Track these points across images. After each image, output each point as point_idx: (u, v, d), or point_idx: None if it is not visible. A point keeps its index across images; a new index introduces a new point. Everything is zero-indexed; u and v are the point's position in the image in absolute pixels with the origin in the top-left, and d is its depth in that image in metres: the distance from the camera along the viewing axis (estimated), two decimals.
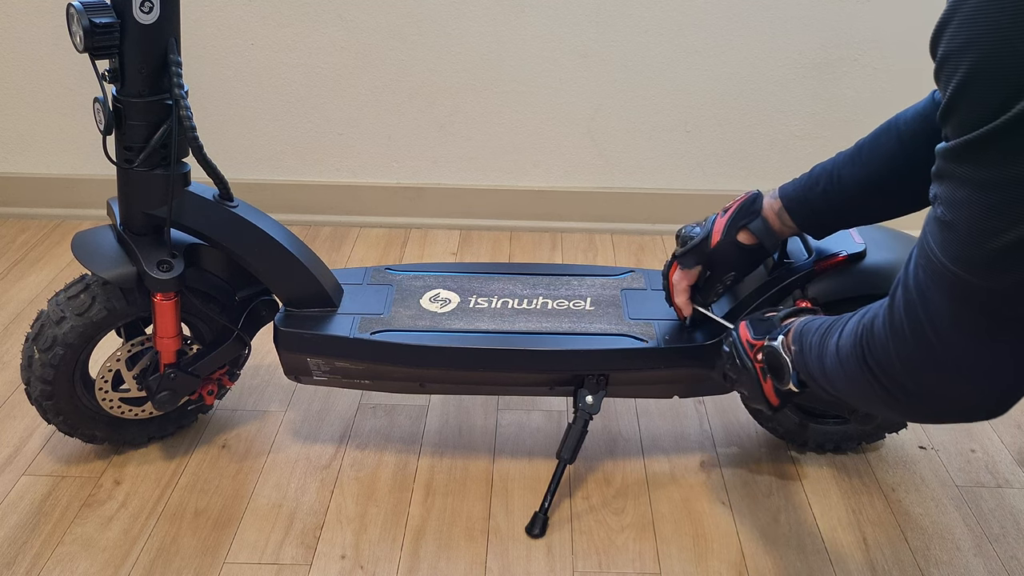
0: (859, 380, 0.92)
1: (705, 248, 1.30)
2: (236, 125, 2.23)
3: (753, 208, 1.28)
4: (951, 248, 0.72)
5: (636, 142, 2.25)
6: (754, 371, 1.18)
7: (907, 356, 0.83)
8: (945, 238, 0.72)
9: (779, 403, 1.18)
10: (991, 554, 1.32)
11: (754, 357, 1.18)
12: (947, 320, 0.77)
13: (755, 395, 1.20)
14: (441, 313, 1.42)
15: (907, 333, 0.82)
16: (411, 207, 2.31)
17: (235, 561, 1.28)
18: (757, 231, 1.27)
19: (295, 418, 1.58)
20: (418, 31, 2.13)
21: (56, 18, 2.11)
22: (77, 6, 1.14)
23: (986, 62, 0.64)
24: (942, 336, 0.78)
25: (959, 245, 0.71)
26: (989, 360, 0.78)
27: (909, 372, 0.84)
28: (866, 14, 2.10)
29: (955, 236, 0.70)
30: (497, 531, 1.34)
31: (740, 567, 1.29)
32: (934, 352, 0.80)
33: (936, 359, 0.81)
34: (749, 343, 1.19)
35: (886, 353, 0.85)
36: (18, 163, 2.29)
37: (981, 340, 0.77)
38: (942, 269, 0.74)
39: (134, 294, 1.33)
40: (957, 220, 0.69)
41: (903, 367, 0.85)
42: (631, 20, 2.12)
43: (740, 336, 1.21)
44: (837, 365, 0.96)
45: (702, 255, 1.30)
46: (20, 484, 1.40)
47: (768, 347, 1.14)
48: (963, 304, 0.75)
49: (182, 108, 1.22)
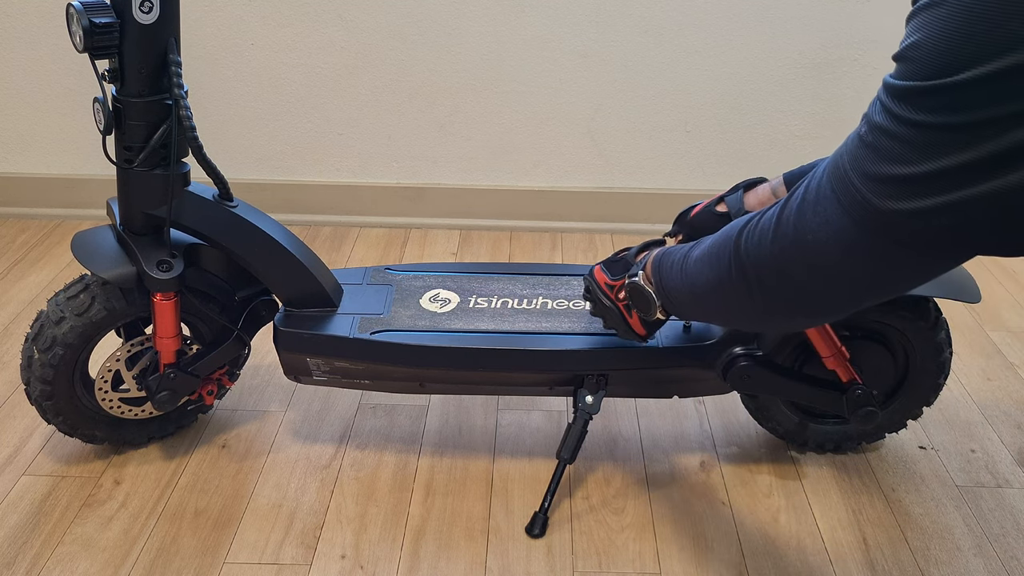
0: (722, 272, 0.98)
1: (685, 216, 1.37)
2: (236, 125, 2.23)
3: (742, 185, 1.33)
4: (862, 165, 0.77)
5: (636, 142, 2.25)
6: (617, 309, 1.27)
7: (780, 249, 0.89)
8: (862, 156, 0.77)
9: (646, 333, 1.28)
10: (991, 554, 1.32)
11: (615, 297, 1.26)
12: (834, 228, 0.82)
13: (624, 331, 1.29)
14: (441, 313, 1.42)
15: (790, 228, 0.87)
16: (411, 207, 2.31)
17: (235, 561, 1.28)
18: (728, 201, 1.31)
19: (295, 418, 1.58)
20: (418, 31, 2.13)
21: (56, 18, 2.11)
22: (77, 6, 1.14)
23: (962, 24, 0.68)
24: (819, 239, 0.83)
25: (870, 165, 0.76)
26: (850, 271, 0.84)
27: (776, 264, 0.90)
28: (866, 14, 2.10)
29: (874, 157, 0.76)
30: (497, 531, 1.34)
31: (740, 567, 1.29)
32: (806, 250, 0.86)
33: (806, 260, 0.86)
34: (608, 284, 1.28)
35: (762, 244, 0.91)
36: (18, 163, 2.29)
37: (851, 254, 0.82)
38: (848, 184, 0.79)
39: (134, 294, 1.33)
40: (882, 145, 0.75)
41: (772, 259, 0.90)
42: (631, 20, 2.12)
43: (597, 280, 1.30)
44: (701, 269, 1.02)
45: (683, 223, 1.37)
46: (20, 484, 1.40)
47: (630, 283, 1.21)
48: (850, 218, 0.80)
49: (182, 108, 1.22)
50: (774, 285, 0.92)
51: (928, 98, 0.71)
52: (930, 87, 0.70)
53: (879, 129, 0.75)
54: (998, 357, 1.81)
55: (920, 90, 0.71)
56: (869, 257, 0.81)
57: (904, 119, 0.72)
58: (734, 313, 1.03)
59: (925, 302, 1.38)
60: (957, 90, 0.68)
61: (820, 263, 0.85)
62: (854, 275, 0.85)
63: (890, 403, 1.45)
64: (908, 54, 0.73)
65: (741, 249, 0.94)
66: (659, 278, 1.15)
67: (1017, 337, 1.88)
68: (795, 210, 0.87)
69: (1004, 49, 0.66)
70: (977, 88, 0.68)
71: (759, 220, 0.93)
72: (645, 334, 1.28)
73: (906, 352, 1.41)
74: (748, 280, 0.94)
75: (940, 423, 1.60)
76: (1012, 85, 0.67)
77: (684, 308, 1.12)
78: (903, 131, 0.73)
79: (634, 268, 1.22)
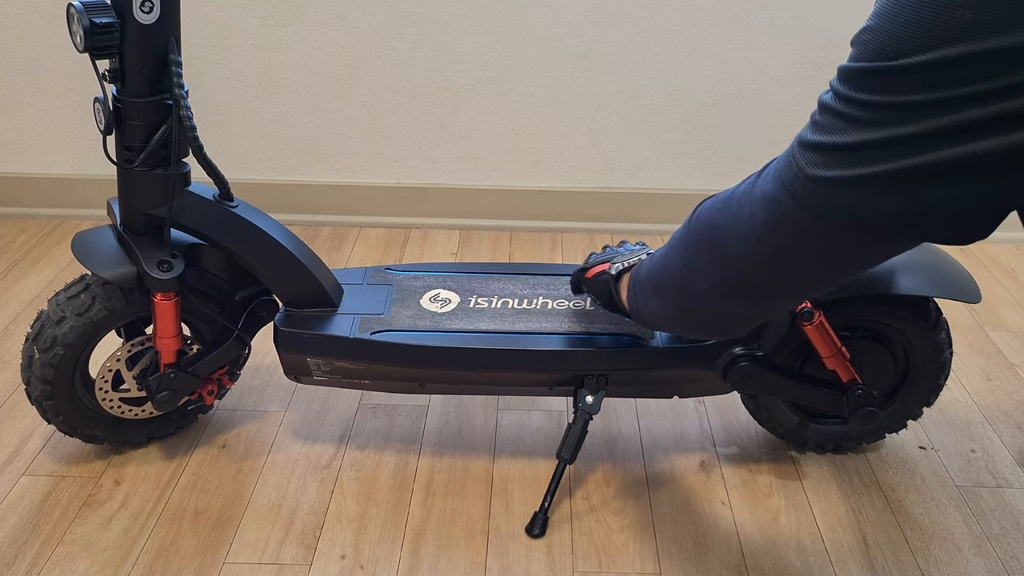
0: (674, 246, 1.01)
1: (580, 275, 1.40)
2: (236, 125, 2.23)
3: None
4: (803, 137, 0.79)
5: (636, 142, 2.25)
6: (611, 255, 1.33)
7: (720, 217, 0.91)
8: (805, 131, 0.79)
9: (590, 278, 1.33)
10: (991, 554, 1.32)
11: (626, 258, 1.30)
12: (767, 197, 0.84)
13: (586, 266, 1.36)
14: (441, 313, 1.42)
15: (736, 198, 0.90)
16: (411, 207, 2.31)
17: (235, 561, 1.28)
18: None
19: (295, 418, 1.58)
20: (418, 31, 2.13)
21: (56, 18, 2.11)
22: (77, 6, 1.14)
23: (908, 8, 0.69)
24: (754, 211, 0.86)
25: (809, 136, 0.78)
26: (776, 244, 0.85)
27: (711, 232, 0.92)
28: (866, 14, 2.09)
29: (811, 129, 0.78)
30: (497, 531, 1.34)
31: (740, 567, 1.29)
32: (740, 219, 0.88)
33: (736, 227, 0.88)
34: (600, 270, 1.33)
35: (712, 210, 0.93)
36: (18, 163, 2.29)
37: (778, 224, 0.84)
38: (789, 155, 0.81)
39: (134, 294, 1.33)
40: (820, 120, 0.77)
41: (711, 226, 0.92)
42: (631, 20, 2.12)
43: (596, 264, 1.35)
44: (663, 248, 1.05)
45: None
46: (20, 484, 1.40)
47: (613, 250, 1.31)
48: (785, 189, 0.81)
49: (182, 108, 1.22)
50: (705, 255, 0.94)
51: (869, 79, 0.73)
52: (872, 68, 0.72)
53: (822, 106, 0.78)
54: (998, 357, 1.81)
55: (863, 71, 0.73)
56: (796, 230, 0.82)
57: (845, 96, 0.75)
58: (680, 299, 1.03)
59: (925, 302, 1.38)
60: (897, 73, 0.70)
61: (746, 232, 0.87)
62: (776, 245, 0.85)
63: (890, 403, 1.45)
64: (860, 37, 0.75)
65: (694, 215, 0.97)
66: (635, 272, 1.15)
67: (1017, 337, 1.88)
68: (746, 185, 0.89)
69: (950, 38, 0.67)
70: (916, 72, 0.69)
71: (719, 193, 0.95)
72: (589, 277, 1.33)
73: (906, 352, 1.41)
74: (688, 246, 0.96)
75: (940, 423, 1.60)
76: (950, 73, 0.68)
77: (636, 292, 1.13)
78: (842, 107, 0.75)
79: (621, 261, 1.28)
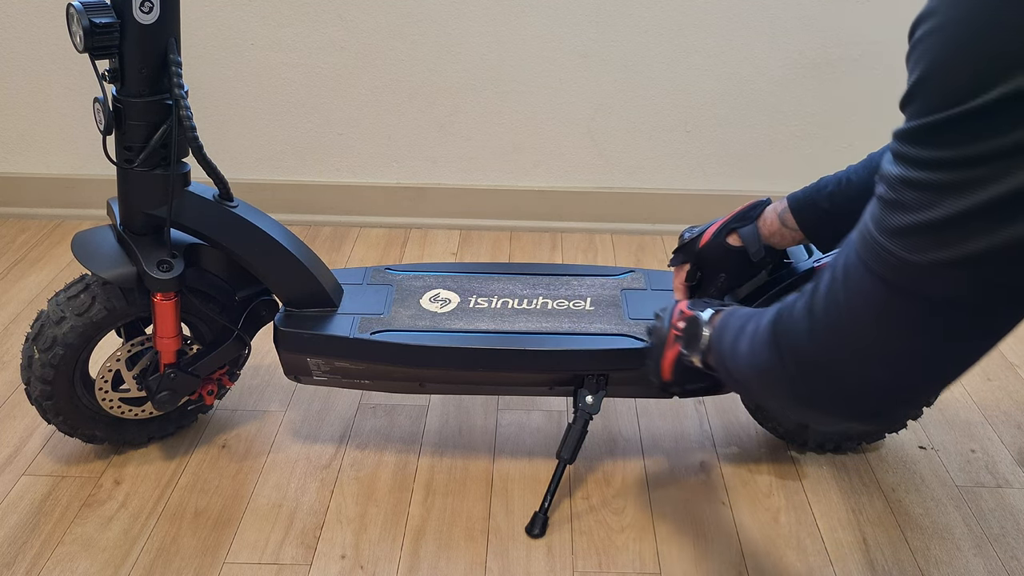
0: (767, 364, 0.89)
1: (693, 247, 1.34)
2: (236, 125, 2.23)
3: (751, 214, 1.30)
4: (891, 223, 0.71)
5: (636, 142, 2.25)
6: (666, 334, 1.21)
7: (818, 341, 0.81)
8: (886, 215, 0.72)
9: (670, 378, 1.21)
10: (991, 554, 1.32)
11: (675, 323, 1.19)
12: (870, 303, 0.75)
13: (654, 361, 1.23)
14: (441, 313, 1.42)
15: (820, 315, 0.80)
16: (411, 207, 2.31)
17: (235, 561, 1.28)
18: (744, 235, 1.28)
19: (295, 418, 1.58)
20: (418, 31, 2.13)
21: (56, 18, 2.11)
22: (77, 6, 1.14)
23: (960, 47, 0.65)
24: (857, 315, 0.77)
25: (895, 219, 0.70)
26: (893, 355, 0.77)
27: (815, 353, 0.82)
28: (866, 14, 2.10)
29: (898, 212, 0.70)
30: (497, 531, 1.34)
31: (740, 567, 1.29)
32: (843, 336, 0.79)
33: (847, 345, 0.79)
34: (681, 311, 1.20)
35: (798, 332, 0.84)
36: (18, 163, 2.29)
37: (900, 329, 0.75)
38: (877, 248, 0.73)
39: (134, 294, 1.33)
40: (904, 198, 0.69)
41: (813, 354, 0.83)
42: (631, 20, 2.12)
43: (678, 304, 1.23)
44: (749, 350, 0.94)
45: (690, 254, 1.34)
46: (20, 484, 1.40)
47: (693, 316, 1.14)
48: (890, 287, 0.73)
49: (182, 108, 1.22)
50: (824, 387, 0.83)
51: (946, 131, 0.66)
52: (947, 118, 0.65)
53: (897, 180, 0.70)
54: (998, 357, 1.81)
55: (936, 124, 0.66)
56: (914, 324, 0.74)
57: (922, 160, 0.67)
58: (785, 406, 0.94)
59: None
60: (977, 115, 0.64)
61: (862, 346, 0.77)
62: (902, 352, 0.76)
63: None
64: (916, 91, 0.69)
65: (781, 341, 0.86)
66: (720, 334, 1.06)
67: (1017, 337, 1.88)
68: (824, 293, 0.79)
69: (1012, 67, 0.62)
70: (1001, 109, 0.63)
71: (792, 307, 0.85)
72: (669, 379, 1.21)
73: None
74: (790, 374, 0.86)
75: (940, 423, 1.60)
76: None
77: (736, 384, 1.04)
78: (924, 175, 0.68)
79: (708, 309, 1.15)
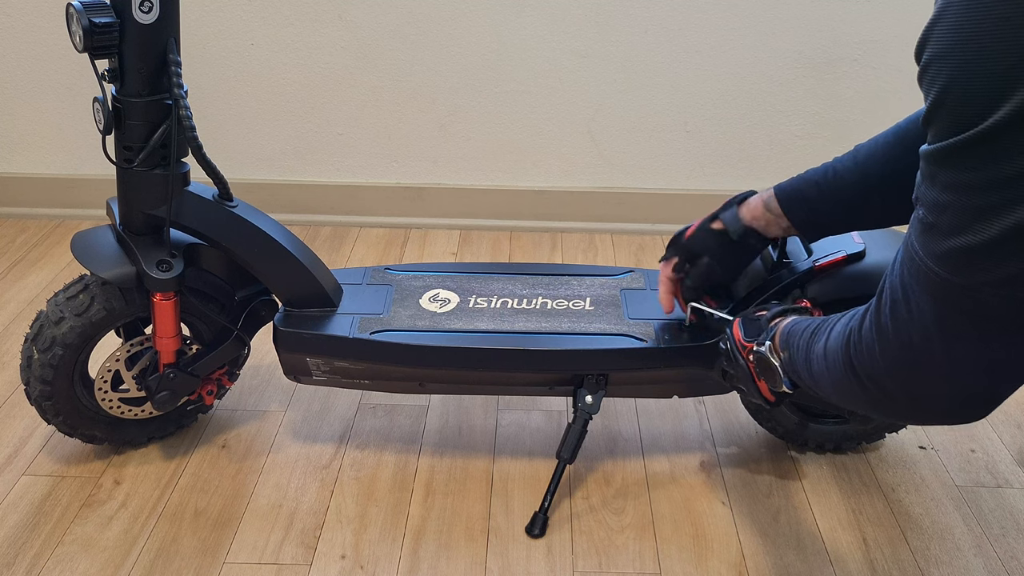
0: (844, 383, 0.92)
1: (679, 239, 1.34)
2: (236, 125, 2.23)
3: (733, 202, 1.29)
4: (932, 247, 0.72)
5: (636, 142, 2.25)
6: (748, 370, 1.20)
7: (891, 357, 0.84)
8: (928, 239, 0.73)
9: (776, 400, 1.20)
10: (991, 554, 1.32)
11: (747, 357, 1.19)
12: (929, 320, 0.77)
13: (752, 392, 1.22)
14: (440, 313, 1.42)
15: (890, 334, 0.82)
16: (411, 207, 2.31)
17: (235, 561, 1.28)
18: (725, 217, 1.28)
19: (295, 418, 1.58)
20: (418, 31, 2.13)
21: (56, 18, 2.11)
22: (77, 6, 1.14)
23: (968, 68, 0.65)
24: (925, 336, 0.79)
25: (941, 245, 0.71)
26: (968, 363, 0.78)
27: (891, 374, 0.85)
28: (866, 14, 2.10)
29: (937, 236, 0.71)
30: (497, 531, 1.34)
31: (740, 567, 1.29)
32: (915, 353, 0.80)
33: (917, 360, 0.81)
34: (741, 344, 1.20)
35: (872, 355, 0.86)
36: (18, 163, 2.29)
37: (960, 341, 0.77)
38: (925, 269, 0.74)
39: (133, 294, 1.33)
40: (940, 222, 0.70)
41: (886, 369, 0.85)
42: (631, 20, 2.12)
43: (734, 335, 1.23)
44: (824, 369, 0.96)
45: (677, 245, 1.34)
46: (20, 484, 1.40)
47: (757, 352, 1.15)
48: (944, 304, 0.75)
49: (182, 108, 1.22)
50: (902, 397, 0.86)
51: (968, 152, 0.66)
52: (966, 139, 0.66)
53: (932, 204, 0.70)
54: None
55: (957, 145, 0.67)
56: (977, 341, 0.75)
57: (950, 184, 0.68)
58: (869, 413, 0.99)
59: None
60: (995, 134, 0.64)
61: (932, 362, 0.79)
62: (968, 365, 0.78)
63: None
64: (933, 113, 0.69)
65: (855, 365, 0.89)
66: (789, 355, 1.08)
67: None
68: (889, 313, 0.82)
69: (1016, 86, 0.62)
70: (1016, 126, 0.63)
71: (861, 327, 0.88)
72: (774, 401, 1.21)
73: None
74: (873, 395, 0.89)
75: None
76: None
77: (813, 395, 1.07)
78: (952, 198, 0.68)
79: (763, 336, 1.16)
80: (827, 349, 0.95)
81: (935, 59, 0.67)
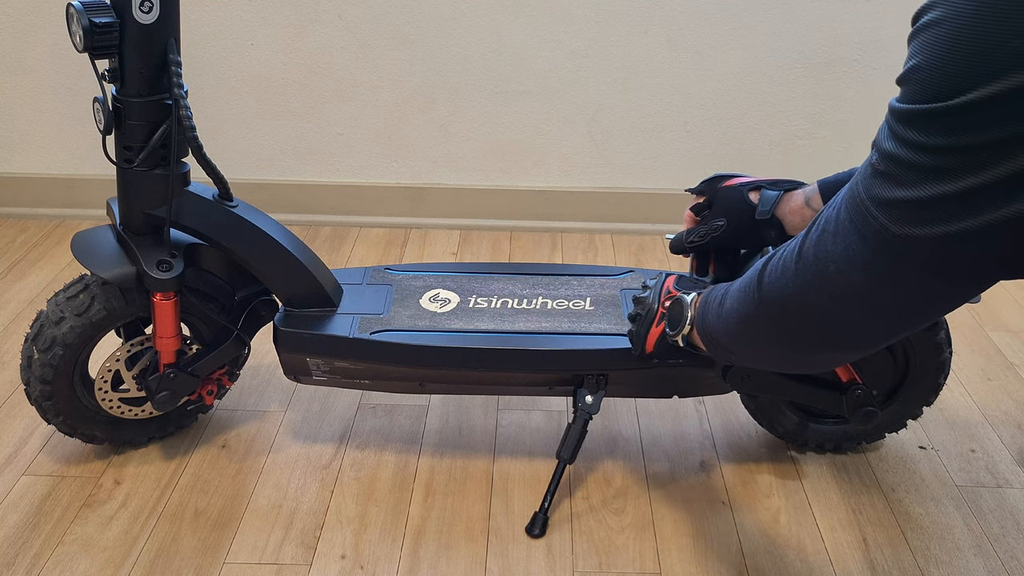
0: (749, 312, 0.97)
1: (717, 184, 1.32)
2: (236, 125, 2.23)
3: (782, 183, 1.28)
4: (878, 193, 0.76)
5: (636, 142, 2.25)
6: (654, 313, 1.25)
7: (803, 280, 0.87)
8: (875, 184, 0.76)
9: (652, 351, 1.26)
10: (991, 554, 1.32)
11: (663, 302, 1.24)
12: (855, 255, 0.80)
13: (639, 337, 1.27)
14: (441, 313, 1.42)
15: (811, 260, 0.86)
16: (411, 207, 2.31)
17: (235, 561, 1.28)
18: (764, 195, 1.26)
19: (295, 418, 1.58)
20: (418, 31, 2.13)
21: (56, 18, 2.11)
22: (77, 6, 1.14)
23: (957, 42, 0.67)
24: (841, 270, 0.82)
25: (884, 191, 0.75)
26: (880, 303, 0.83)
27: (799, 296, 0.88)
28: (866, 14, 2.10)
29: (886, 185, 0.75)
30: (497, 531, 1.34)
31: (740, 567, 1.29)
32: (829, 281, 0.84)
33: (828, 290, 0.85)
34: (667, 290, 1.25)
35: (784, 276, 0.90)
36: (18, 163, 2.29)
37: (878, 285, 0.81)
38: (865, 212, 0.78)
39: (133, 294, 1.33)
40: (891, 172, 0.74)
41: (794, 291, 0.89)
42: (631, 20, 2.12)
43: (665, 282, 1.27)
44: (734, 303, 1.01)
45: (711, 189, 1.33)
46: (20, 484, 1.40)
47: (678, 298, 1.20)
48: (873, 250, 0.78)
49: (182, 108, 1.22)
50: (798, 319, 0.91)
51: (931, 121, 0.69)
52: (932, 110, 0.69)
53: (888, 155, 0.74)
54: (998, 357, 1.81)
55: (922, 113, 0.70)
56: (892, 285, 0.80)
57: (910, 142, 0.71)
58: (763, 351, 1.01)
59: None
60: (959, 112, 0.67)
61: (842, 293, 0.84)
62: (877, 304, 0.83)
63: (890, 403, 1.45)
64: (910, 76, 0.72)
65: (764, 283, 0.93)
66: (702, 312, 1.12)
67: (1017, 337, 1.88)
68: (815, 241, 0.85)
69: (1006, 69, 0.64)
70: (979, 110, 0.66)
71: (782, 254, 0.92)
72: (651, 352, 1.27)
73: (906, 352, 1.41)
74: (772, 315, 0.93)
75: (940, 423, 1.60)
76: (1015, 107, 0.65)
77: (719, 347, 1.10)
78: (910, 155, 0.71)
79: (693, 291, 1.20)
80: (742, 281, 1.00)
81: (930, 26, 0.70)
